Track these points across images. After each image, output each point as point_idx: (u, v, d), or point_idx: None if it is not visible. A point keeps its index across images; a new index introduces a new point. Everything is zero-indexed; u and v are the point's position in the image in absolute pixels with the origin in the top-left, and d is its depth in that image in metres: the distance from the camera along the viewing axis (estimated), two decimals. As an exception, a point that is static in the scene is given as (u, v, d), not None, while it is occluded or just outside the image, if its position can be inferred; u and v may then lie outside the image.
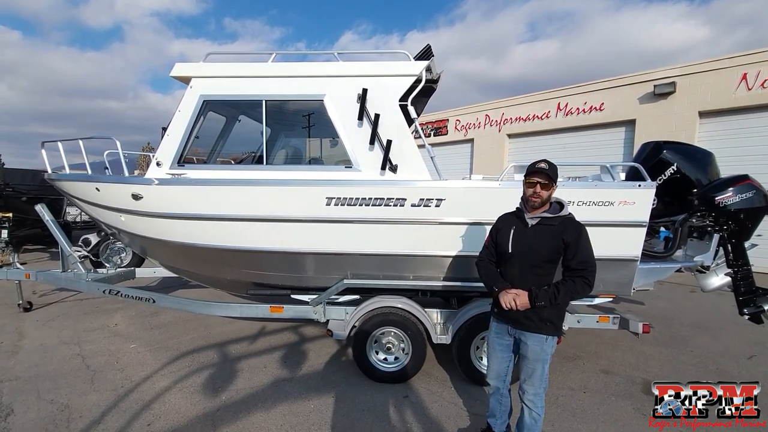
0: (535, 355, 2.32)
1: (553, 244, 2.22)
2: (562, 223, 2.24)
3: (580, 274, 2.17)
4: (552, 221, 2.25)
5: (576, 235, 2.19)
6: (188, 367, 3.91)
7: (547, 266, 2.26)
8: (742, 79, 9.09)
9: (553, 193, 2.29)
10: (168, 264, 4.76)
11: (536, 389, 2.36)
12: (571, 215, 2.31)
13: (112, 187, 4.07)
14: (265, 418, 3.05)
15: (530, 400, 2.38)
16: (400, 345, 3.63)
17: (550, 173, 2.22)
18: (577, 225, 2.25)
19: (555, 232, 2.23)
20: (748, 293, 3.53)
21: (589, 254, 2.21)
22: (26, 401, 3.25)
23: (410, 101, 3.55)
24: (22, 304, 5.55)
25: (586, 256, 2.18)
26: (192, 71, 3.78)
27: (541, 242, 2.24)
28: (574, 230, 2.21)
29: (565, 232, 2.20)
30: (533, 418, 2.39)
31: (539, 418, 2.40)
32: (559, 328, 2.35)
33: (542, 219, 2.27)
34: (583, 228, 2.24)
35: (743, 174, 3.56)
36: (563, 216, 2.26)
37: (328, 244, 3.59)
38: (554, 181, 2.25)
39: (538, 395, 2.37)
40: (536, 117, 13.04)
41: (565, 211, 2.29)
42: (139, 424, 2.94)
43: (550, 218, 2.25)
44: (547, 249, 2.23)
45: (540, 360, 2.32)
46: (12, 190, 9.84)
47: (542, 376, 2.35)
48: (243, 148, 4.74)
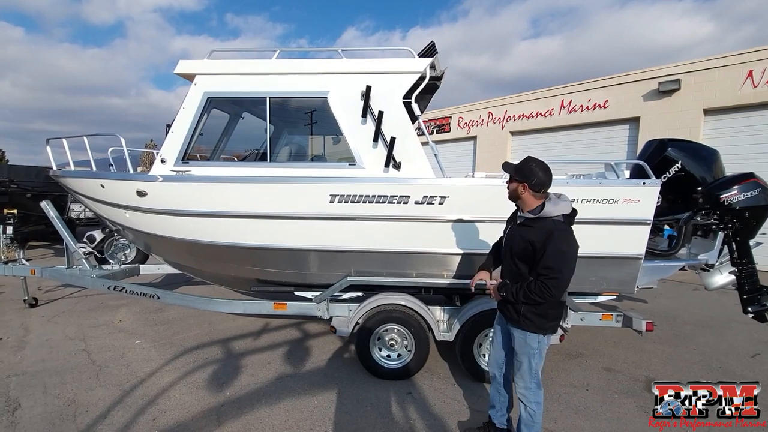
0: (520, 348, 2.39)
1: (524, 245, 2.24)
2: (537, 225, 2.23)
3: (541, 279, 2.13)
4: (531, 222, 2.26)
5: (542, 239, 2.14)
6: (193, 362, 3.93)
7: (520, 264, 2.30)
8: (748, 76, 9.02)
9: (520, 192, 2.28)
10: (172, 261, 4.78)
11: (526, 383, 2.40)
12: (551, 219, 2.21)
13: (117, 183, 4.09)
14: (269, 414, 3.07)
15: (522, 394, 2.43)
16: (403, 342, 3.64)
17: (508, 170, 2.34)
18: (550, 230, 2.16)
19: (528, 232, 2.25)
20: (753, 291, 3.52)
21: (556, 261, 2.10)
22: (33, 396, 3.29)
23: (414, 98, 3.54)
24: (27, 300, 5.59)
25: (550, 262, 2.10)
26: (196, 68, 3.78)
27: (517, 240, 2.31)
28: (542, 234, 2.16)
29: (534, 234, 2.20)
30: (528, 413, 2.43)
31: (535, 414, 2.43)
32: (543, 328, 2.32)
33: (525, 219, 2.31)
34: (557, 234, 2.13)
35: (749, 172, 3.54)
36: (543, 217, 2.22)
37: (332, 241, 3.60)
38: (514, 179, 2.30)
39: (529, 390, 2.40)
40: (539, 114, 12.99)
41: (549, 212, 2.21)
42: (145, 419, 2.97)
43: (530, 218, 2.26)
44: (519, 247, 2.29)
45: (525, 354, 2.37)
46: (17, 187, 9.90)
47: (530, 371, 2.38)
48: (246, 145, 4.75)
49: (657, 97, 10.41)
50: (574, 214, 2.27)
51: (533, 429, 2.44)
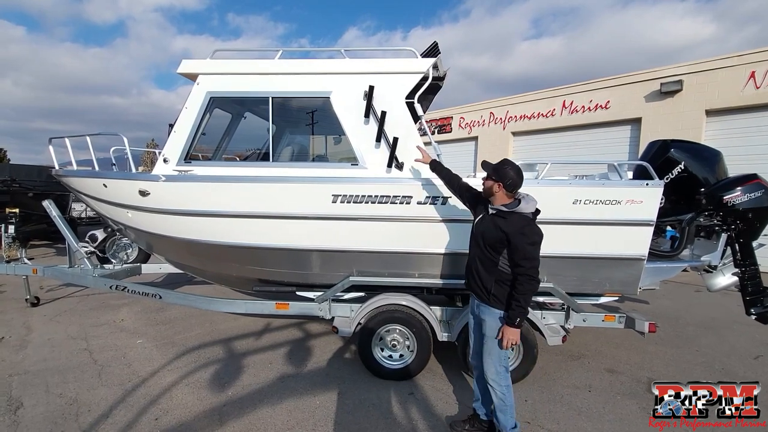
0: (491, 331, 2.51)
1: (498, 234, 2.42)
2: (510, 218, 2.42)
3: (522, 271, 2.35)
4: (505, 214, 2.45)
5: (513, 230, 2.36)
6: (194, 362, 3.93)
7: (491, 252, 2.48)
8: (750, 77, 9.00)
9: (495, 190, 2.47)
10: (174, 260, 4.78)
11: (496, 367, 2.53)
12: (523, 214, 2.42)
13: (120, 183, 4.09)
14: (271, 414, 3.07)
15: (492, 379, 2.55)
16: (405, 342, 3.64)
17: (486, 169, 2.53)
18: (522, 225, 2.38)
19: (503, 223, 2.43)
20: (756, 293, 3.51)
21: (531, 252, 2.35)
22: (35, 395, 3.29)
23: (417, 98, 3.54)
24: (29, 299, 5.60)
25: (527, 254, 2.34)
26: (199, 68, 3.78)
27: (490, 229, 2.48)
28: (515, 227, 2.37)
29: (508, 226, 2.39)
30: (500, 397, 2.53)
31: (506, 397, 2.53)
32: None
33: (498, 211, 2.49)
34: (527, 230, 2.37)
35: (752, 173, 3.54)
36: (516, 212, 2.43)
37: (334, 241, 3.60)
38: (491, 177, 2.48)
39: (499, 374, 2.53)
40: (541, 115, 12.98)
41: (523, 209, 2.43)
42: (147, 419, 2.97)
43: (504, 212, 2.45)
44: (492, 236, 2.46)
45: (494, 336, 2.49)
46: (18, 186, 9.91)
47: (499, 355, 2.51)
48: (248, 144, 4.75)
49: (659, 97, 10.40)
50: (539, 212, 2.51)
51: (507, 413, 2.55)
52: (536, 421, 3.01)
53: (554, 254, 3.40)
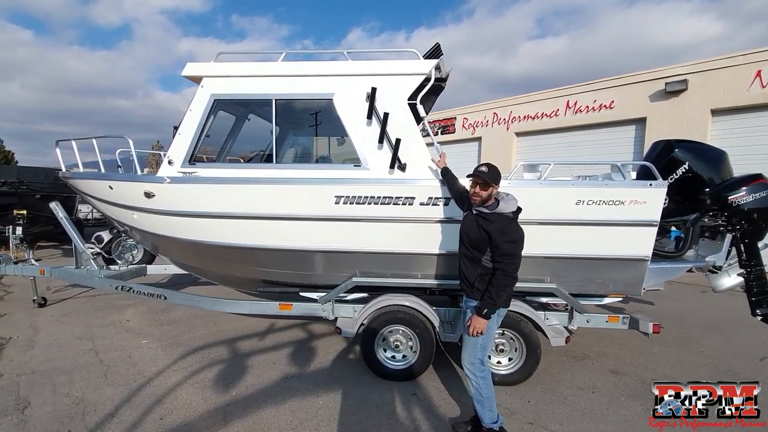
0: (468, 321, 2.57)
1: (482, 234, 2.53)
2: (492, 218, 2.53)
3: (499, 266, 2.47)
4: (487, 215, 2.56)
5: (493, 228, 2.48)
6: (199, 362, 3.96)
7: (475, 251, 2.60)
8: (756, 76, 8.94)
9: (493, 193, 2.57)
10: (179, 261, 4.82)
11: (471, 358, 2.63)
12: (504, 214, 2.52)
13: (126, 185, 4.13)
14: (275, 414, 3.09)
15: (467, 368, 2.66)
16: (408, 343, 3.65)
17: (486, 178, 2.52)
18: (503, 224, 2.49)
19: (486, 224, 2.53)
20: (761, 294, 3.48)
21: (511, 249, 2.45)
22: (42, 394, 3.33)
23: (419, 100, 3.55)
24: (36, 300, 5.66)
25: (507, 250, 2.45)
26: (203, 71, 3.81)
27: (473, 230, 2.60)
28: (497, 227, 2.48)
29: (491, 226, 2.50)
30: (475, 387, 2.63)
31: (481, 388, 2.61)
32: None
33: (480, 212, 2.61)
34: (507, 228, 2.48)
35: (757, 173, 3.51)
36: (497, 212, 2.53)
37: (337, 242, 3.62)
38: (490, 185, 2.54)
39: (474, 364, 2.63)
40: (545, 115, 12.95)
41: (503, 209, 2.52)
42: (152, 418, 3.00)
43: (486, 213, 2.57)
44: (475, 235, 2.57)
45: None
46: (26, 188, 10.03)
47: (476, 345, 2.61)
48: (251, 146, 4.78)
49: (664, 97, 10.35)
50: (520, 210, 2.61)
51: (484, 405, 2.61)
52: (539, 422, 3.01)
53: (557, 255, 3.40)
